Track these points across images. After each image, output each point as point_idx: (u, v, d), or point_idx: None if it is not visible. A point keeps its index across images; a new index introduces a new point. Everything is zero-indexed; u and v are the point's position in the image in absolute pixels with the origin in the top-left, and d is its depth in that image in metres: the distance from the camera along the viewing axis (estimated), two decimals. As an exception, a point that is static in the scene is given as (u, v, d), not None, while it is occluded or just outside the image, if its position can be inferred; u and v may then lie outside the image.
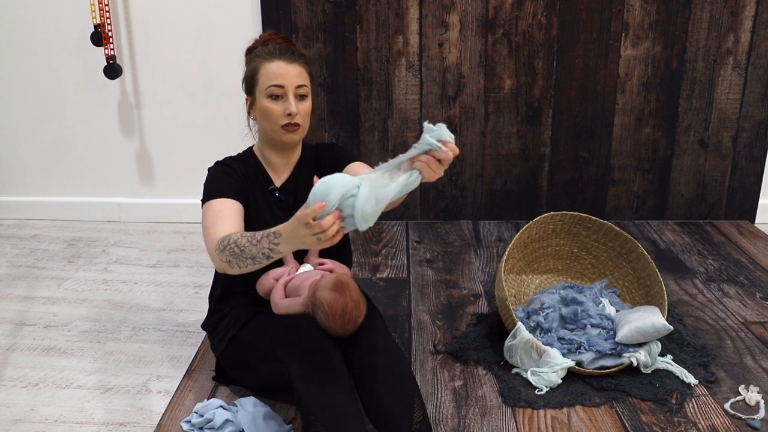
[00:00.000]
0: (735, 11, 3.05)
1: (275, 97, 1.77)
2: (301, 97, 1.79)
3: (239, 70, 1.92)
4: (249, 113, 1.88)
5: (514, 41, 3.10)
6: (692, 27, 3.08)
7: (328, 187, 1.38)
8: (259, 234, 1.53)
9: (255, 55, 1.83)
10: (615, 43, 3.10)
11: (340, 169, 1.89)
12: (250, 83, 1.83)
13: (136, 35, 3.15)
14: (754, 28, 3.08)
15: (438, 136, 1.42)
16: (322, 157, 1.95)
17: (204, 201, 1.76)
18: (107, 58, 3.08)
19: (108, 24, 3.05)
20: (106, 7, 3.02)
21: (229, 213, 1.71)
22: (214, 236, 1.65)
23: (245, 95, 1.88)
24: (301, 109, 1.79)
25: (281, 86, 1.76)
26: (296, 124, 1.79)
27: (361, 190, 1.37)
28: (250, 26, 3.09)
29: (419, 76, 3.15)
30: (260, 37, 1.90)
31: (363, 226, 1.39)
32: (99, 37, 3.03)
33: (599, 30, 3.08)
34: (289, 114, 1.77)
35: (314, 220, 1.37)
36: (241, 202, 1.77)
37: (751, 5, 3.04)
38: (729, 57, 3.12)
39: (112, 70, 3.09)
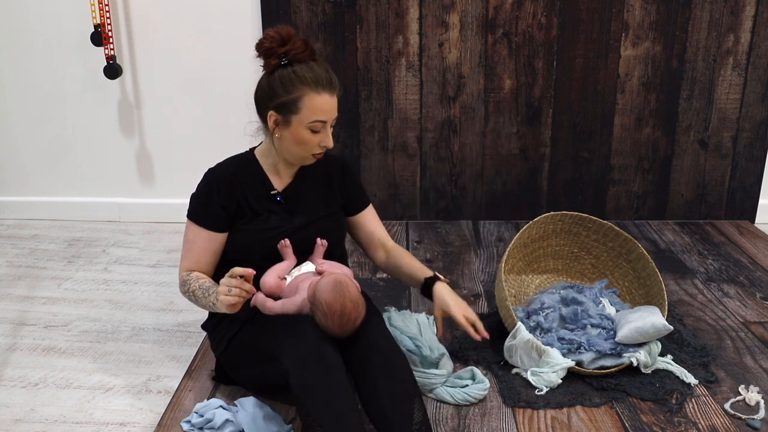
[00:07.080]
0: (735, 11, 3.05)
1: (315, 131, 1.76)
2: (332, 126, 1.81)
3: (239, 70, 1.90)
4: (272, 130, 1.78)
5: (514, 41, 3.10)
6: (692, 27, 3.08)
7: None
8: (211, 289, 1.70)
9: (296, 77, 1.70)
10: (615, 43, 3.10)
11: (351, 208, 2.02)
12: (287, 107, 1.72)
13: (136, 35, 3.15)
14: (754, 28, 3.08)
15: None
16: (333, 173, 1.95)
17: (187, 216, 1.85)
18: (107, 58, 3.08)
19: (108, 24, 3.05)
20: (106, 7, 3.02)
21: (202, 245, 1.81)
22: (182, 267, 1.84)
23: (271, 111, 1.74)
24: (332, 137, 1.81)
25: (324, 121, 1.75)
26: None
27: None
28: (250, 26, 3.09)
29: (419, 76, 3.15)
30: (276, 33, 1.72)
31: None
32: (99, 37, 3.03)
33: (599, 30, 3.08)
34: (324, 146, 1.79)
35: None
36: (218, 231, 1.82)
37: (751, 5, 3.04)
38: (729, 57, 3.12)
39: (112, 70, 3.09)
